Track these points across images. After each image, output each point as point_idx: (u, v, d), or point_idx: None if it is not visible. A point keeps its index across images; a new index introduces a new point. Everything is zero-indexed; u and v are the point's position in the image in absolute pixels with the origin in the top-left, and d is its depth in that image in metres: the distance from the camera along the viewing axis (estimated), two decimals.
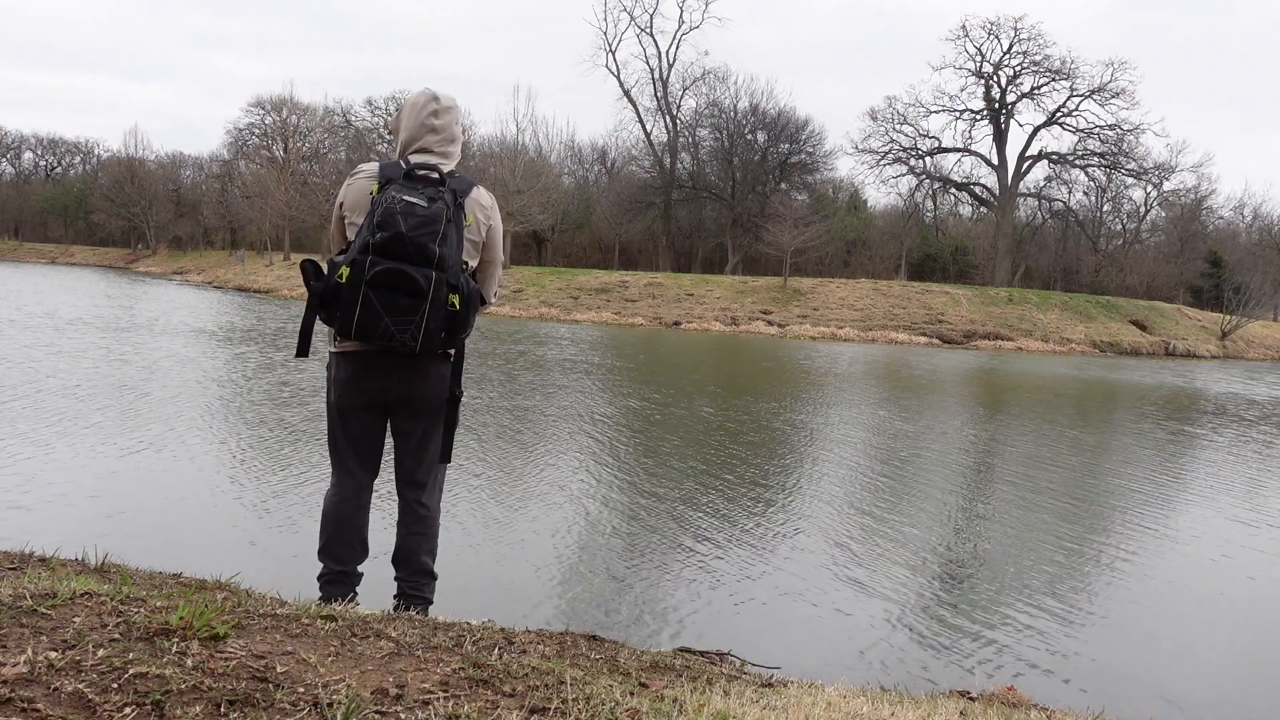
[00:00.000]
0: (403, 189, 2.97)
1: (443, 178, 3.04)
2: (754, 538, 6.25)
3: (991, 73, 51.84)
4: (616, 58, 62.31)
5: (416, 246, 2.90)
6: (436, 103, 3.20)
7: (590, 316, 33.85)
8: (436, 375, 3.15)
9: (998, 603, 5.32)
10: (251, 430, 8.94)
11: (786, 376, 18.18)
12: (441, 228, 2.93)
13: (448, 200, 2.98)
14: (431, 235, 2.92)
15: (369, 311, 2.92)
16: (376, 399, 3.17)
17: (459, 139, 3.27)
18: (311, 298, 2.99)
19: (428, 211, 2.93)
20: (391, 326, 2.92)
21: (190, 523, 5.80)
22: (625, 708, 2.02)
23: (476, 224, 3.13)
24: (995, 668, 4.37)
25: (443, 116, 3.20)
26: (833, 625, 4.79)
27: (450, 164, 3.18)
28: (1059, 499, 8.19)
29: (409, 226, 2.90)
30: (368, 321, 2.92)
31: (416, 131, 3.19)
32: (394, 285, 2.90)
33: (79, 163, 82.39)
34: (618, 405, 12.40)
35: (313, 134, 59.81)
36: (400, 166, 3.06)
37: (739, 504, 7.17)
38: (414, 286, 2.90)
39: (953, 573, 5.87)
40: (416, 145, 3.18)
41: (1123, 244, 55.83)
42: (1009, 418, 14.50)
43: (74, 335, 16.27)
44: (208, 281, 45.83)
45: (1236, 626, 5.35)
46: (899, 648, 4.55)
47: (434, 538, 3.34)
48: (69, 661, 1.80)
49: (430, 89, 3.24)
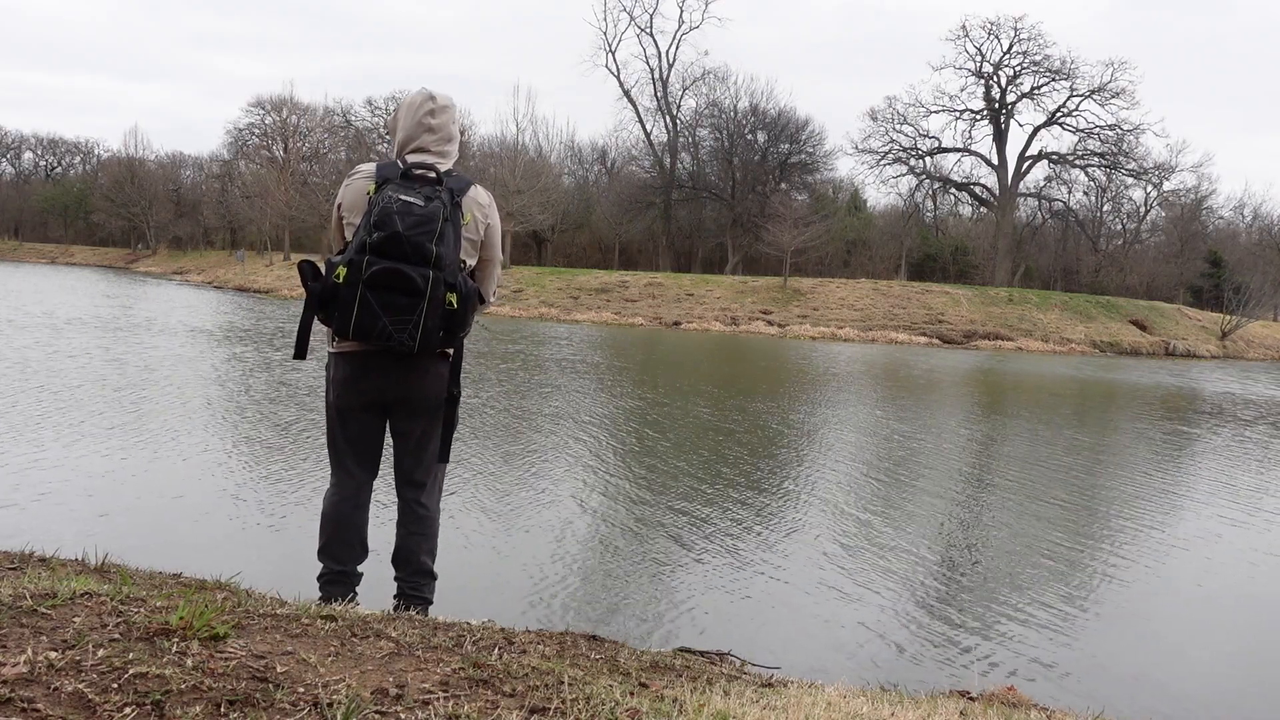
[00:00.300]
0: (399, 188, 2.97)
1: (440, 177, 3.04)
2: (753, 537, 6.25)
3: (991, 73, 51.87)
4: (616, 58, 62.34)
5: (413, 246, 2.90)
6: (433, 102, 3.21)
7: (590, 316, 33.85)
8: (435, 375, 3.15)
9: (997, 602, 5.32)
10: (251, 430, 8.94)
11: (786, 377, 18.18)
12: (439, 226, 2.93)
13: (445, 199, 2.98)
14: (428, 234, 2.91)
15: (367, 311, 2.92)
16: (375, 399, 3.17)
17: (456, 138, 3.27)
18: (310, 298, 2.99)
19: (424, 210, 2.93)
20: (389, 326, 2.92)
21: (189, 523, 5.80)
22: (625, 708, 2.02)
23: (475, 222, 3.13)
24: (995, 668, 4.37)
25: (439, 116, 3.20)
26: (833, 625, 4.79)
27: (447, 163, 3.18)
28: (1057, 500, 8.19)
29: (406, 226, 2.90)
30: (365, 322, 2.93)
31: (413, 131, 3.19)
32: (391, 285, 2.90)
33: (79, 163, 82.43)
34: (617, 405, 12.41)
35: (313, 134, 59.83)
36: (397, 166, 3.06)
37: (739, 504, 7.17)
38: (411, 286, 2.90)
39: (952, 573, 5.87)
40: (414, 145, 3.18)
41: (1123, 244, 55.83)
42: (1007, 418, 14.50)
43: (73, 335, 16.26)
44: (208, 281, 45.83)
45: (1235, 626, 5.35)
46: (899, 648, 4.55)
47: (434, 538, 3.34)
48: (69, 661, 1.80)
49: (427, 88, 3.25)
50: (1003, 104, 51.88)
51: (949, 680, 4.06)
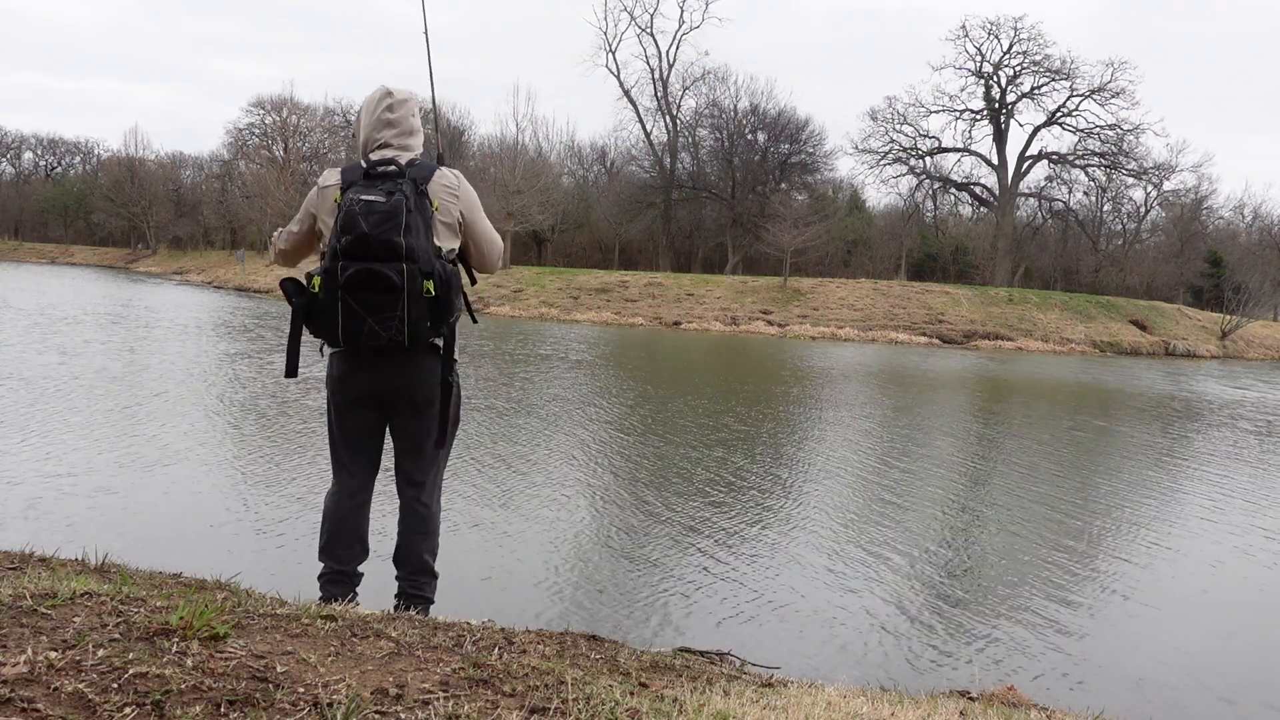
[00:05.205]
0: (361, 189, 2.99)
1: (402, 170, 3.05)
2: (753, 538, 6.25)
3: (991, 73, 51.82)
4: (616, 58, 62.34)
5: (381, 243, 2.91)
6: (390, 96, 3.23)
7: (590, 316, 33.84)
8: (428, 367, 3.15)
9: (997, 603, 5.32)
10: (252, 430, 8.94)
11: (786, 377, 18.18)
12: (403, 219, 2.94)
13: (406, 191, 2.98)
14: (394, 228, 2.92)
15: (351, 317, 2.94)
16: (371, 393, 3.18)
17: (419, 130, 3.28)
18: (295, 314, 3.02)
19: (386, 206, 2.94)
20: (376, 326, 2.94)
21: (190, 523, 5.80)
22: (625, 708, 2.02)
23: (445, 206, 3.13)
24: (995, 667, 4.37)
25: (397, 109, 3.22)
26: (833, 625, 4.79)
27: (411, 154, 3.19)
28: (1057, 501, 8.19)
29: (370, 225, 2.91)
30: (351, 327, 2.96)
31: (373, 128, 3.21)
32: (368, 285, 2.92)
33: (79, 163, 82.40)
34: (617, 406, 12.40)
35: (313, 134, 59.81)
36: (360, 167, 3.08)
37: (738, 504, 7.17)
38: (388, 282, 2.91)
39: (952, 573, 5.87)
40: (376, 142, 3.20)
41: (1123, 244, 55.79)
42: (1007, 420, 14.50)
43: (71, 335, 16.27)
44: (208, 282, 45.82)
45: (1234, 626, 5.35)
46: (899, 648, 4.55)
47: (434, 536, 3.35)
48: (69, 661, 1.80)
49: (384, 85, 3.27)
50: (1003, 104, 51.86)
51: (949, 680, 4.06)
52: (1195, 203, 54.52)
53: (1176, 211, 54.74)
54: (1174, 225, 54.41)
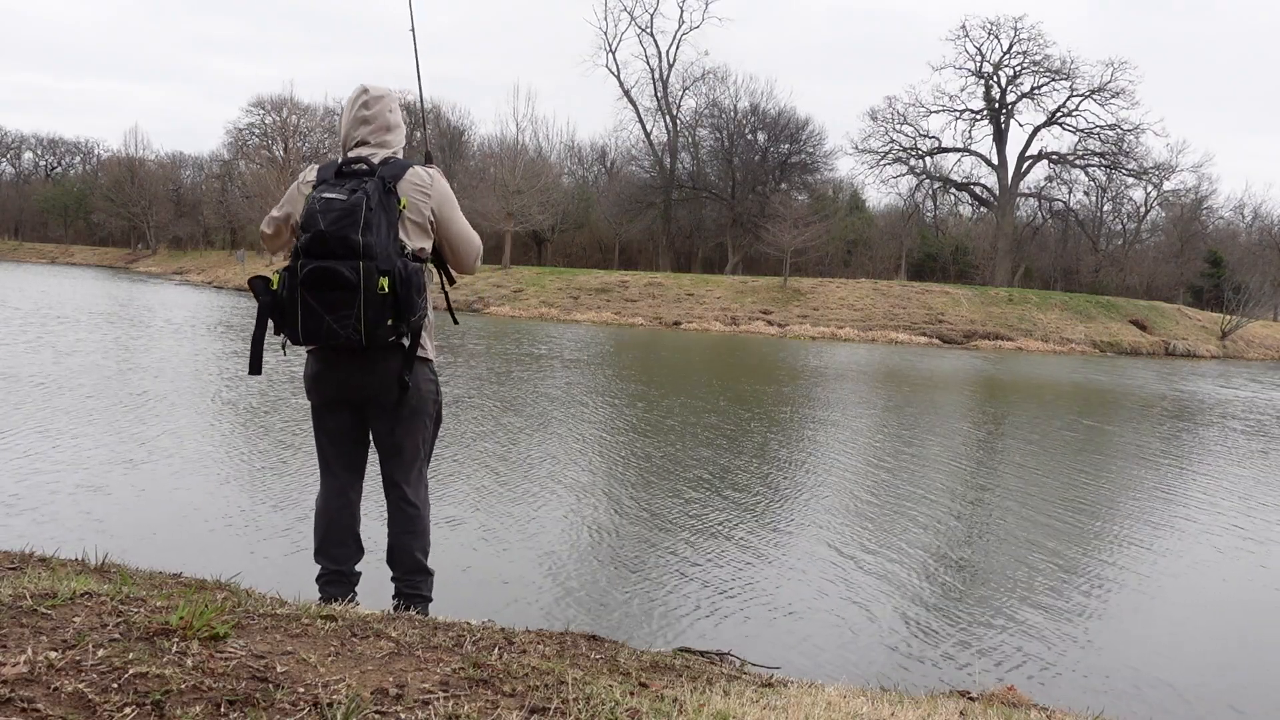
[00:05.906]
0: (327, 187, 3.00)
1: (373, 168, 3.05)
2: (753, 538, 6.25)
3: (991, 73, 51.82)
4: (616, 58, 62.35)
5: (338, 240, 2.91)
6: (366, 94, 3.23)
7: (590, 316, 33.83)
8: (392, 369, 3.12)
9: (997, 603, 5.32)
10: (251, 430, 8.94)
11: (786, 377, 18.18)
12: (362, 216, 2.92)
13: (369, 189, 2.97)
14: (352, 225, 2.91)
15: (309, 314, 2.94)
16: (340, 395, 3.19)
17: (397, 126, 3.27)
18: (261, 311, 3.03)
19: (345, 204, 2.94)
20: (334, 324, 2.94)
21: (190, 523, 5.80)
22: (625, 708, 2.02)
23: (414, 205, 3.11)
24: (995, 667, 4.37)
25: (373, 106, 3.22)
26: (833, 625, 4.79)
27: (387, 151, 3.19)
28: (1057, 502, 8.19)
29: (328, 222, 2.91)
30: (310, 325, 2.96)
31: (351, 126, 3.22)
32: (324, 283, 2.91)
33: (79, 163, 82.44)
34: (617, 406, 12.41)
35: (313, 134, 59.81)
36: (334, 165, 3.09)
37: (739, 504, 7.17)
38: (343, 280, 2.90)
39: (952, 573, 5.87)
40: (354, 140, 3.21)
41: (1123, 244, 55.79)
42: (1006, 421, 14.50)
43: (71, 335, 16.26)
44: (208, 281, 45.84)
45: (1234, 627, 5.35)
46: (899, 648, 4.55)
47: (424, 535, 3.34)
48: (69, 661, 1.80)
49: (361, 83, 3.28)
50: (1003, 104, 51.86)
51: (949, 680, 4.07)
52: (1195, 203, 54.52)
53: (1176, 211, 54.74)
54: (1174, 225, 54.41)
